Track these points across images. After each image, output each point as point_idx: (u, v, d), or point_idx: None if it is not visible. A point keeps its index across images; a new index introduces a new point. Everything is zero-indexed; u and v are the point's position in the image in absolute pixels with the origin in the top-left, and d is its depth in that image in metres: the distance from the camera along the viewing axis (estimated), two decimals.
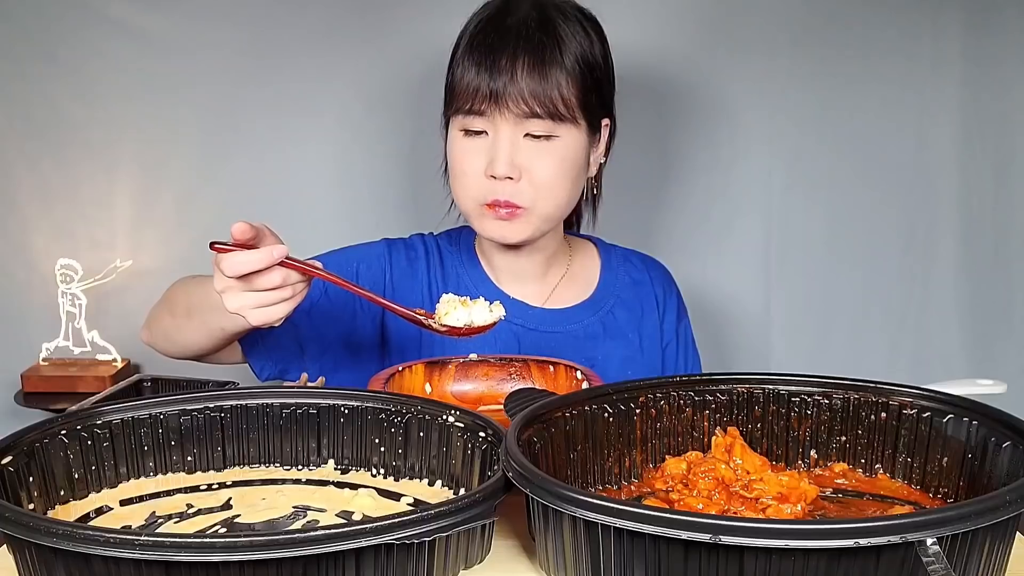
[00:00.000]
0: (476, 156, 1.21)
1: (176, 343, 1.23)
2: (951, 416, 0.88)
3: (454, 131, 1.23)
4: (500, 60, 1.17)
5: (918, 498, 0.89)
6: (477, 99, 1.18)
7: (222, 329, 1.13)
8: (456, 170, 1.24)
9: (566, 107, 1.19)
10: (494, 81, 1.17)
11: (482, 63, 1.17)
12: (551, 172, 1.20)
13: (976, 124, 1.95)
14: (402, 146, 1.97)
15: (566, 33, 1.20)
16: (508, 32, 1.18)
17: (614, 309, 1.34)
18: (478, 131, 1.20)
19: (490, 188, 1.20)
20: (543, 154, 1.20)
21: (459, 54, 1.21)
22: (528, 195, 1.20)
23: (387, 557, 0.70)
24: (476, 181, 1.21)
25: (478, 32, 1.20)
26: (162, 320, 1.23)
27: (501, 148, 1.19)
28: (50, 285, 2.00)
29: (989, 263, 1.99)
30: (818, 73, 1.94)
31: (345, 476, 0.95)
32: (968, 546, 0.67)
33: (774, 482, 0.84)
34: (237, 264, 0.96)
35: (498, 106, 1.17)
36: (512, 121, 1.18)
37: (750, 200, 1.99)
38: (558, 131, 1.20)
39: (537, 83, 1.17)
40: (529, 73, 1.17)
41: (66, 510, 0.86)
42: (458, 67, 1.20)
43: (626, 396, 0.93)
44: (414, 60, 1.92)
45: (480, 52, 1.18)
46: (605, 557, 0.70)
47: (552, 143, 1.20)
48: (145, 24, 1.94)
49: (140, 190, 2.00)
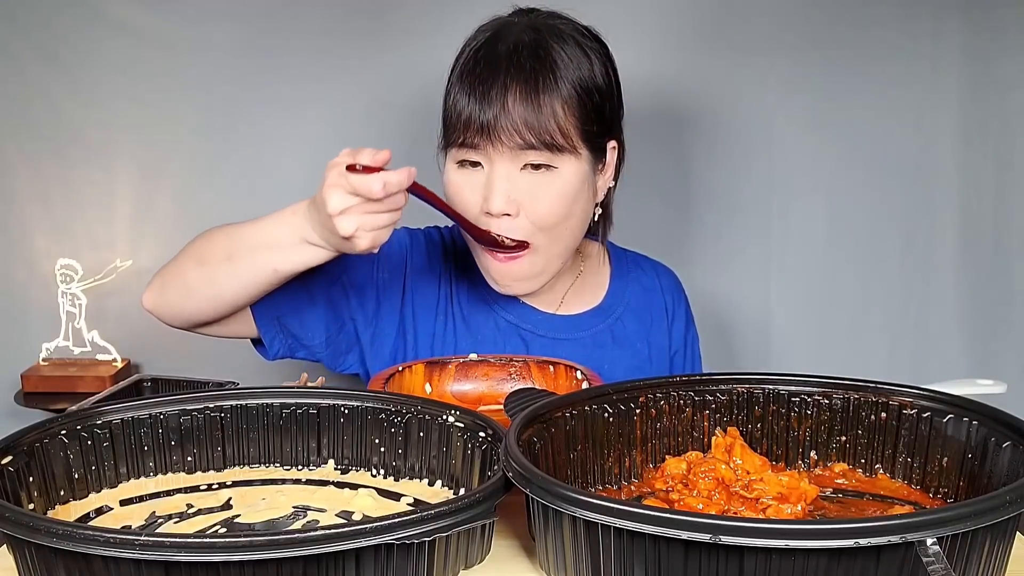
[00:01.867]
0: (471, 191, 1.15)
1: (201, 297, 1.13)
2: (951, 416, 0.88)
3: (450, 163, 1.18)
4: (491, 91, 1.11)
5: (918, 498, 0.89)
6: (470, 132, 1.12)
7: (275, 270, 1.08)
8: (453, 203, 1.17)
9: (564, 137, 1.12)
10: (484, 113, 1.11)
11: (473, 94, 1.12)
12: (550, 208, 1.14)
13: (976, 124, 1.95)
14: (402, 146, 1.96)
15: (561, 58, 1.13)
16: (499, 61, 1.12)
17: (623, 317, 1.32)
18: (473, 163, 1.15)
19: (486, 226, 1.14)
20: (542, 188, 1.14)
21: (452, 83, 1.16)
22: (527, 230, 1.14)
23: (387, 557, 0.70)
24: (476, 218, 1.15)
25: (469, 61, 1.15)
26: (185, 272, 1.13)
27: (497, 184, 1.13)
28: (50, 285, 2.00)
29: (989, 263, 1.99)
30: (818, 73, 1.95)
31: (345, 476, 0.95)
32: (968, 546, 0.67)
33: (774, 482, 0.84)
34: (392, 183, 0.96)
35: (491, 139, 1.11)
36: (508, 154, 1.12)
37: (750, 200, 1.99)
38: (556, 162, 1.13)
39: (531, 113, 1.11)
40: (522, 103, 1.10)
41: (66, 510, 0.86)
42: (450, 97, 1.15)
43: (626, 396, 0.93)
44: (414, 60, 1.92)
45: (471, 82, 1.13)
46: (605, 557, 0.70)
47: (551, 175, 1.14)
48: (145, 24, 1.94)
49: (140, 190, 2.00)
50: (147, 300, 1.18)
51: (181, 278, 1.14)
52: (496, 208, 1.13)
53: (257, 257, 1.07)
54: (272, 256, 1.07)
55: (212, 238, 1.13)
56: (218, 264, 1.10)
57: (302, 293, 1.20)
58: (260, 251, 1.07)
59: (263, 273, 1.08)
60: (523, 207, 1.14)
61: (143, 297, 1.18)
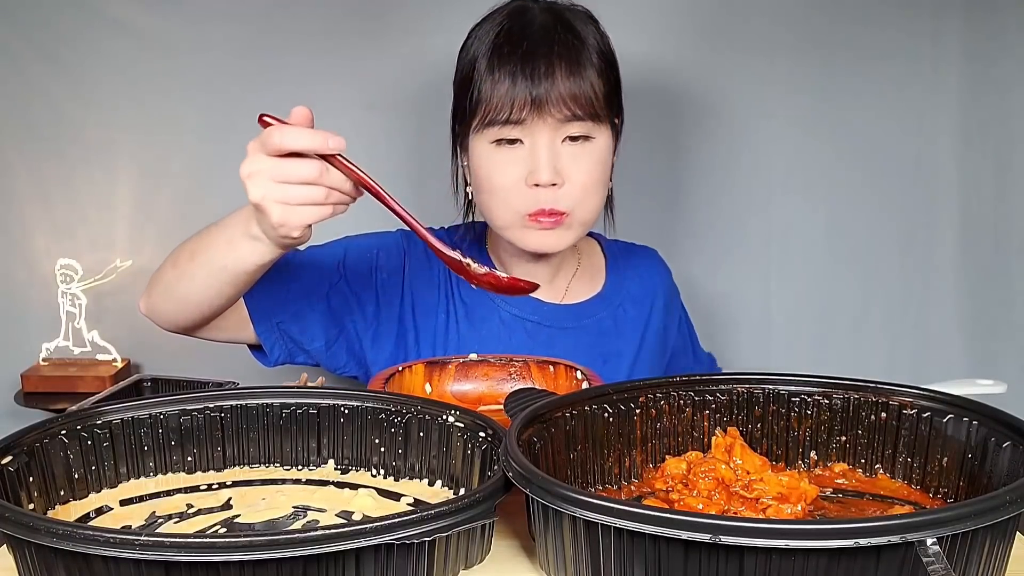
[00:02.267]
0: (514, 167, 1.18)
1: (175, 298, 1.13)
2: (951, 416, 0.88)
3: (482, 145, 1.19)
4: (538, 66, 1.14)
5: (918, 498, 0.89)
6: (516, 108, 1.15)
7: (224, 268, 1.04)
8: (491, 184, 1.20)
9: (601, 106, 1.18)
10: (535, 87, 1.14)
11: (519, 71, 1.14)
12: (590, 175, 1.19)
13: (976, 124, 1.95)
14: (403, 147, 1.97)
15: (585, 33, 1.19)
16: (538, 37, 1.16)
17: (624, 303, 1.35)
18: (512, 140, 1.18)
19: (533, 198, 1.18)
20: (581, 158, 1.18)
21: (483, 67, 1.17)
22: (569, 200, 1.18)
23: (387, 557, 0.70)
24: (517, 193, 1.18)
25: (502, 43, 1.17)
26: (164, 275, 1.14)
27: (543, 155, 1.16)
28: (50, 285, 2.00)
29: (989, 263, 1.99)
30: (818, 73, 1.94)
31: (345, 476, 0.95)
32: (968, 546, 0.67)
33: (774, 482, 0.84)
34: (287, 137, 0.89)
35: (540, 113, 1.15)
36: (551, 126, 1.16)
37: (750, 200, 1.99)
38: (594, 132, 1.19)
39: (576, 85, 1.15)
40: (567, 76, 1.15)
41: (66, 510, 0.86)
42: (485, 81, 1.16)
43: (626, 396, 0.93)
44: (415, 61, 1.92)
45: (514, 60, 1.15)
46: (605, 557, 0.70)
47: (589, 145, 1.19)
48: (145, 24, 1.94)
49: (140, 190, 2.00)
50: (141, 305, 1.19)
51: (162, 281, 1.14)
52: (545, 178, 1.16)
53: (211, 255, 1.05)
54: (222, 253, 1.04)
55: (185, 242, 1.13)
56: (185, 265, 1.10)
57: (301, 297, 1.20)
58: (213, 249, 1.05)
59: (215, 272, 1.06)
60: (566, 178, 1.18)
61: (139, 302, 1.19)
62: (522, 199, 1.18)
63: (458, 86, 1.22)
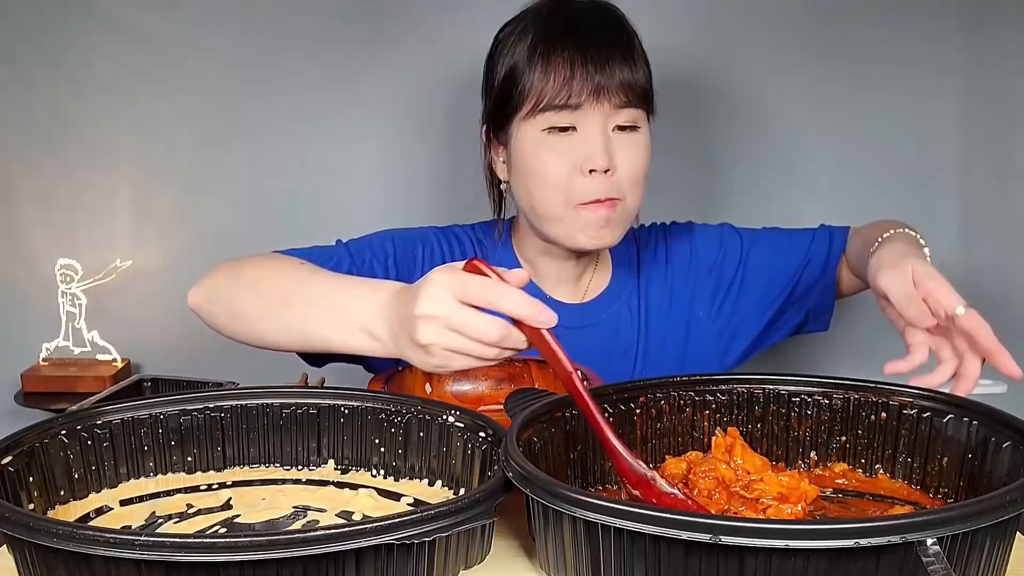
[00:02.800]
0: (565, 155, 1.17)
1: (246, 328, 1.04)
2: (951, 416, 0.88)
3: (532, 134, 1.18)
4: (597, 52, 1.15)
5: (918, 498, 0.89)
6: (573, 93, 1.15)
7: (324, 340, 0.96)
8: (542, 171, 1.18)
9: (649, 94, 1.20)
10: (595, 72, 1.15)
11: (577, 56, 1.15)
12: (639, 164, 1.20)
13: (976, 124, 1.95)
14: (405, 147, 1.97)
15: (629, 26, 1.21)
16: (592, 26, 1.18)
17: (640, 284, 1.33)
18: (564, 128, 1.17)
19: (586, 186, 1.17)
20: (630, 147, 1.19)
21: (535, 56, 1.17)
22: (620, 188, 1.18)
23: (387, 557, 0.70)
24: (568, 179, 1.17)
25: (553, 29, 1.17)
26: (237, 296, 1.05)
27: (598, 141, 1.16)
28: (50, 285, 2.00)
29: (989, 263, 1.99)
30: (817, 73, 1.94)
31: (345, 476, 0.95)
32: (968, 546, 0.67)
33: (774, 482, 0.84)
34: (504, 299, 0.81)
35: (598, 98, 1.16)
36: (606, 113, 1.17)
37: (750, 200, 1.99)
38: (641, 122, 1.20)
39: (629, 72, 1.17)
40: (623, 63, 1.16)
41: (66, 510, 0.86)
42: (537, 68, 1.16)
43: (626, 396, 0.93)
44: (419, 62, 1.92)
45: (571, 47, 1.16)
46: (605, 557, 0.70)
47: (636, 135, 1.20)
48: (145, 24, 1.94)
49: (140, 190, 2.00)
50: (192, 300, 1.10)
51: (232, 300, 1.05)
52: (601, 164, 1.16)
53: (313, 317, 0.96)
54: (328, 325, 0.94)
55: (279, 270, 1.04)
56: (273, 305, 1.01)
57: None
58: (319, 312, 0.95)
59: (309, 336, 0.97)
60: (617, 165, 1.18)
61: (189, 294, 1.10)
62: (576, 187, 1.17)
63: (502, 77, 1.21)
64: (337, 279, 1.00)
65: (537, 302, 0.81)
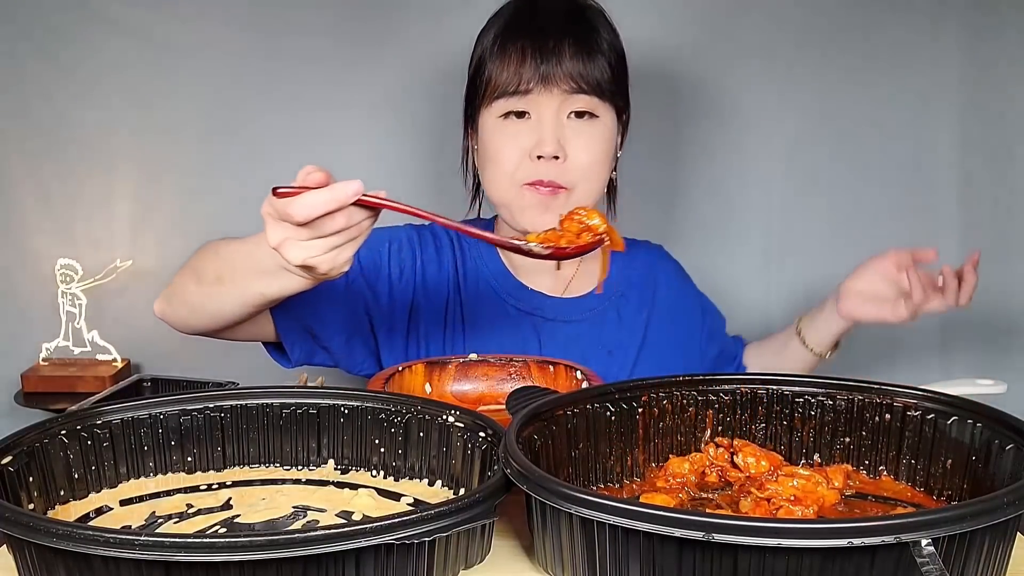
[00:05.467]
0: (518, 139, 1.21)
1: (203, 313, 1.13)
2: (955, 418, 0.87)
3: (490, 119, 1.23)
4: (547, 42, 1.19)
5: (922, 500, 0.89)
6: (524, 80, 1.19)
7: (262, 296, 1.04)
8: (495, 155, 1.23)
9: (608, 85, 1.21)
10: (544, 60, 1.19)
11: (528, 46, 1.19)
12: (593, 153, 1.22)
13: (976, 124, 1.95)
14: (405, 148, 1.97)
15: (598, 23, 1.24)
16: (550, 18, 1.21)
17: (626, 293, 1.36)
18: (520, 113, 1.21)
19: (533, 169, 1.21)
20: (585, 135, 1.21)
21: (495, 45, 1.22)
22: (571, 176, 1.21)
23: (387, 557, 0.70)
24: (518, 163, 1.21)
25: (515, 22, 1.22)
26: (186, 289, 1.13)
27: (547, 127, 1.20)
28: (50, 285, 2.00)
29: (989, 263, 1.98)
30: (818, 73, 1.94)
31: (345, 476, 0.95)
32: (967, 547, 0.67)
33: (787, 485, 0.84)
34: (310, 206, 0.86)
35: (546, 84, 1.19)
36: (558, 99, 1.20)
37: (750, 200, 1.99)
38: (599, 110, 1.22)
39: (582, 62, 1.19)
40: (575, 54, 1.19)
41: (66, 510, 0.86)
42: (496, 57, 1.21)
43: (628, 395, 0.93)
44: (418, 60, 1.92)
45: (525, 36, 1.20)
46: (601, 554, 0.70)
47: (593, 124, 1.22)
48: (145, 24, 1.94)
49: (140, 190, 2.00)
50: (157, 309, 1.18)
51: (183, 294, 1.13)
52: (549, 149, 1.19)
53: (245, 282, 1.04)
54: (258, 282, 1.02)
55: (206, 256, 1.11)
56: (211, 285, 1.08)
57: (320, 294, 1.20)
58: (247, 275, 1.04)
59: (252, 297, 1.05)
60: (569, 153, 1.20)
61: (155, 305, 1.18)
62: (523, 170, 1.21)
63: (472, 67, 1.26)
64: (243, 243, 1.04)
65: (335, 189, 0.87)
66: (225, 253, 1.07)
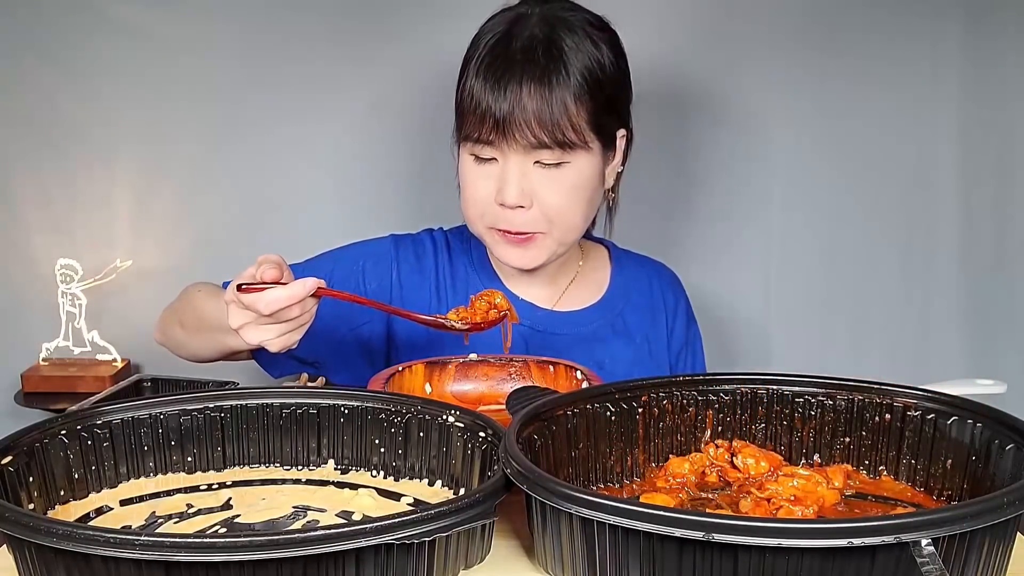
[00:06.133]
0: (486, 182, 1.18)
1: (187, 352, 1.26)
2: (955, 418, 0.87)
3: (464, 155, 1.21)
4: (505, 88, 1.13)
5: (922, 500, 0.89)
6: (485, 129, 1.15)
7: (231, 348, 1.16)
8: (466, 195, 1.22)
9: (576, 133, 1.15)
10: (499, 111, 1.13)
11: (487, 91, 1.14)
12: (562, 200, 1.18)
13: (976, 124, 1.95)
14: (403, 148, 1.97)
15: (573, 51, 1.15)
16: (513, 58, 1.14)
17: (624, 312, 1.33)
18: (487, 158, 1.18)
19: (500, 215, 1.18)
20: (554, 182, 1.17)
21: (467, 79, 1.17)
22: (540, 223, 1.18)
23: (387, 557, 0.70)
24: (487, 207, 1.19)
25: (484, 56, 1.16)
26: (173, 329, 1.25)
27: (510, 177, 1.16)
28: (50, 285, 2.00)
29: (989, 263, 1.99)
30: (818, 75, 1.94)
31: (345, 476, 0.95)
32: (967, 547, 0.67)
33: (787, 484, 0.84)
34: (274, 302, 0.96)
35: (506, 137, 1.14)
36: (521, 150, 1.15)
37: (750, 200, 1.99)
38: (569, 158, 1.17)
39: (544, 110, 1.13)
40: (535, 102, 1.13)
41: (66, 510, 0.86)
42: (467, 94, 1.17)
43: (629, 395, 0.93)
44: (417, 60, 1.92)
45: (485, 79, 1.15)
46: (601, 554, 0.70)
47: (563, 170, 1.17)
48: (145, 24, 1.94)
49: (140, 190, 2.00)
50: (156, 337, 1.31)
51: (171, 333, 1.26)
52: (510, 200, 1.16)
53: (215, 336, 1.15)
54: (226, 338, 1.11)
55: (191, 303, 1.22)
56: (191, 332, 1.21)
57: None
58: (216, 331, 1.13)
59: (224, 349, 1.18)
60: (536, 199, 1.17)
61: (154, 333, 1.31)
62: (491, 214, 1.19)
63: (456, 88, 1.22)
64: (212, 298, 1.16)
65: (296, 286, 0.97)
66: (199, 306, 1.19)
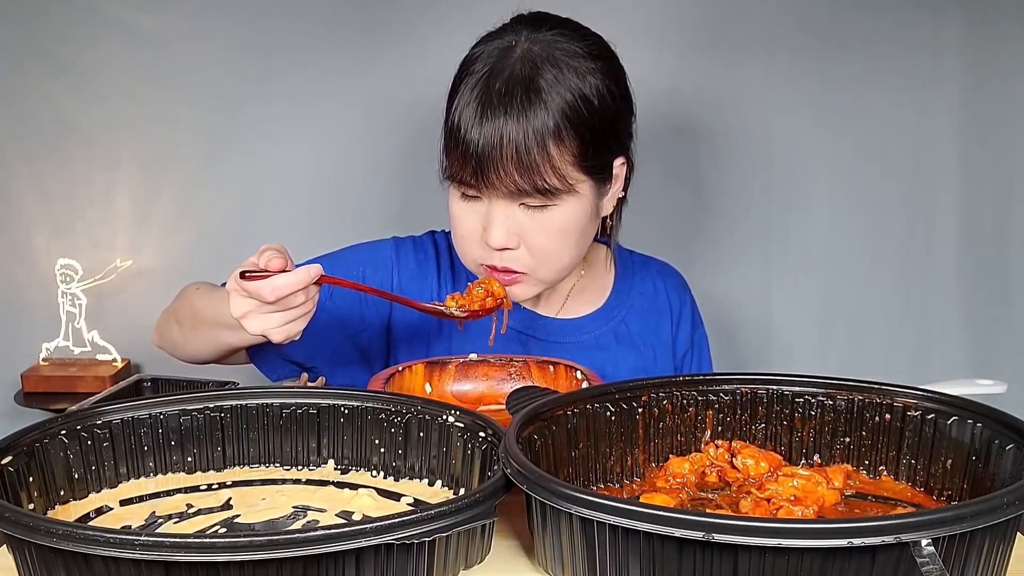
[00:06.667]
0: (473, 220, 1.15)
1: (184, 352, 1.25)
2: (955, 418, 0.87)
3: (452, 190, 1.17)
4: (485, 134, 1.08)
5: (922, 500, 0.89)
6: (467, 173, 1.11)
7: (229, 345, 1.15)
8: (455, 230, 1.19)
9: (558, 178, 1.10)
10: (481, 157, 1.09)
11: (469, 136, 1.09)
12: (550, 243, 1.14)
13: (976, 124, 1.95)
14: (403, 148, 1.97)
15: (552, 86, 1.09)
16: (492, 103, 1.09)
17: (627, 319, 1.32)
18: (473, 195, 1.14)
19: (487, 253, 1.15)
20: (540, 224, 1.13)
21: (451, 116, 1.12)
22: (526, 262, 1.15)
23: (387, 557, 0.70)
24: (475, 245, 1.16)
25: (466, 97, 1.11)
26: (170, 329, 1.24)
27: (495, 220, 1.13)
28: (50, 285, 2.00)
29: (989, 263, 1.99)
30: (818, 75, 1.95)
31: (345, 476, 0.95)
32: (967, 547, 0.67)
33: (787, 485, 0.84)
34: (280, 288, 0.96)
35: (488, 183, 1.10)
36: (505, 193, 1.11)
37: (751, 201, 1.99)
38: (555, 201, 1.12)
39: (523, 159, 1.08)
40: (513, 148, 1.08)
41: (66, 510, 0.86)
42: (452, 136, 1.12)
43: (629, 395, 0.93)
44: (415, 60, 1.92)
45: (466, 125, 1.10)
46: (601, 554, 0.70)
47: (549, 212, 1.13)
48: (145, 24, 1.94)
49: (140, 190, 2.00)
50: (154, 340, 1.30)
51: (169, 333, 1.25)
52: (495, 242, 1.13)
53: (213, 332, 1.14)
54: (224, 333, 1.12)
55: (187, 302, 1.21)
56: (188, 331, 1.20)
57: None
58: (214, 327, 1.13)
59: (222, 346, 1.16)
60: (523, 240, 1.14)
61: (152, 336, 1.30)
62: (479, 250, 1.16)
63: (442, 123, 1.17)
64: (210, 297, 1.16)
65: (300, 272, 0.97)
66: (196, 302, 1.18)
